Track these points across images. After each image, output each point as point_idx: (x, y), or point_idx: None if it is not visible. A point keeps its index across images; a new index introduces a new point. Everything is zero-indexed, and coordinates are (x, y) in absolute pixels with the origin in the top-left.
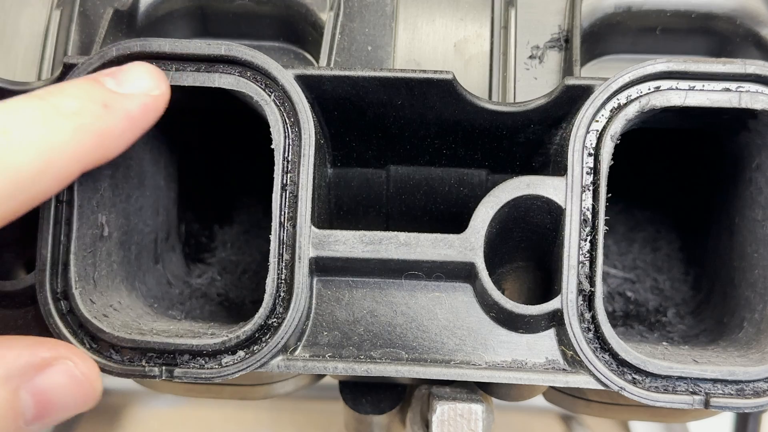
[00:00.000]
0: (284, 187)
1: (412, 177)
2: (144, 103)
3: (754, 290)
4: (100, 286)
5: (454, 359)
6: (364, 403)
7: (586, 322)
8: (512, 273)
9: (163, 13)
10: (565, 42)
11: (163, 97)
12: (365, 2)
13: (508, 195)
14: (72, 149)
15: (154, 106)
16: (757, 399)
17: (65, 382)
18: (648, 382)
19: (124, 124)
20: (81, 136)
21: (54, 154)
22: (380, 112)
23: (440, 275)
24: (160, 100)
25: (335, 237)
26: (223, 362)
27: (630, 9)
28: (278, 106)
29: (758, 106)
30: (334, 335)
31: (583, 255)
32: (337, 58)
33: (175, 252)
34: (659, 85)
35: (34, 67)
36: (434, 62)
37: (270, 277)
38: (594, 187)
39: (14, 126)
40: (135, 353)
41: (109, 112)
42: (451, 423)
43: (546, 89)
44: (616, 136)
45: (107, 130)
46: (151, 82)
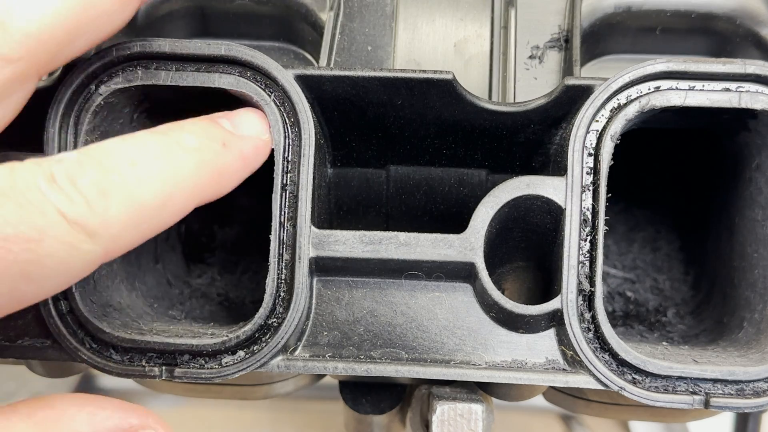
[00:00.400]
0: (284, 187)
1: (412, 177)
2: (256, 146)
3: (754, 290)
4: (99, 286)
5: (454, 359)
6: (364, 403)
7: (586, 322)
8: (512, 273)
9: (163, 13)
10: (565, 42)
11: (269, 143)
12: (365, 2)
13: (508, 195)
14: (193, 184)
15: (264, 150)
16: (757, 399)
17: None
18: (648, 382)
19: (238, 163)
20: (201, 172)
21: (176, 189)
22: (380, 112)
23: (440, 275)
24: (267, 145)
25: (335, 237)
26: (223, 362)
27: (630, 9)
28: (278, 106)
29: (758, 106)
30: (334, 335)
31: (583, 255)
32: (337, 58)
33: (175, 252)
34: (659, 85)
35: None
36: (434, 62)
37: (270, 277)
38: (594, 187)
39: (141, 158)
40: (135, 353)
41: (227, 150)
42: (451, 423)
43: (546, 89)
44: (616, 136)
45: (224, 168)
46: (262, 127)
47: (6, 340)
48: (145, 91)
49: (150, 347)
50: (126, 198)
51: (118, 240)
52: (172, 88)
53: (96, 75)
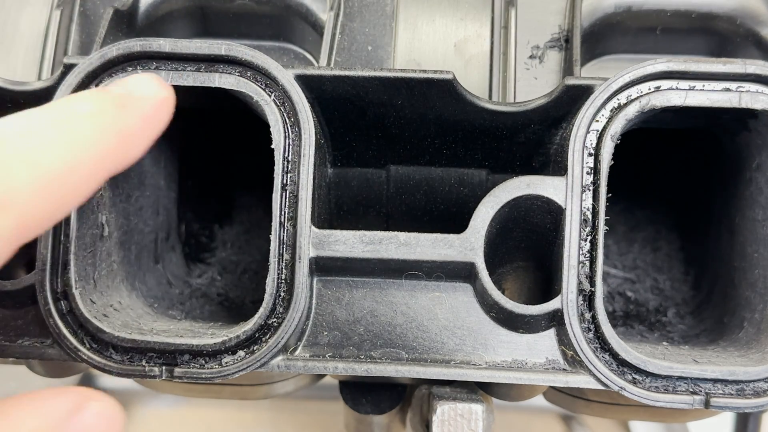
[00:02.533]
0: (284, 187)
1: (412, 177)
2: (155, 104)
3: (754, 290)
4: (100, 286)
5: (454, 359)
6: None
7: (586, 322)
8: (512, 273)
9: (163, 13)
10: (566, 42)
11: (170, 99)
12: (365, 2)
13: (508, 195)
14: (96, 149)
15: (165, 107)
16: (757, 399)
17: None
18: (648, 382)
19: (141, 123)
20: (103, 136)
21: (81, 153)
22: (380, 112)
23: (440, 275)
24: (168, 102)
25: (335, 237)
26: (223, 362)
27: (630, 9)
28: (278, 106)
29: (758, 106)
30: (334, 335)
31: (583, 255)
32: (337, 58)
33: (175, 252)
34: (659, 85)
35: (34, 67)
36: (434, 62)
37: (270, 277)
38: (594, 187)
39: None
40: (135, 353)
41: (125, 111)
42: (451, 423)
43: (546, 89)
44: (616, 136)
45: (127, 130)
46: (156, 87)
47: (6, 340)
48: None
49: (150, 347)
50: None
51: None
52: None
53: (96, 75)
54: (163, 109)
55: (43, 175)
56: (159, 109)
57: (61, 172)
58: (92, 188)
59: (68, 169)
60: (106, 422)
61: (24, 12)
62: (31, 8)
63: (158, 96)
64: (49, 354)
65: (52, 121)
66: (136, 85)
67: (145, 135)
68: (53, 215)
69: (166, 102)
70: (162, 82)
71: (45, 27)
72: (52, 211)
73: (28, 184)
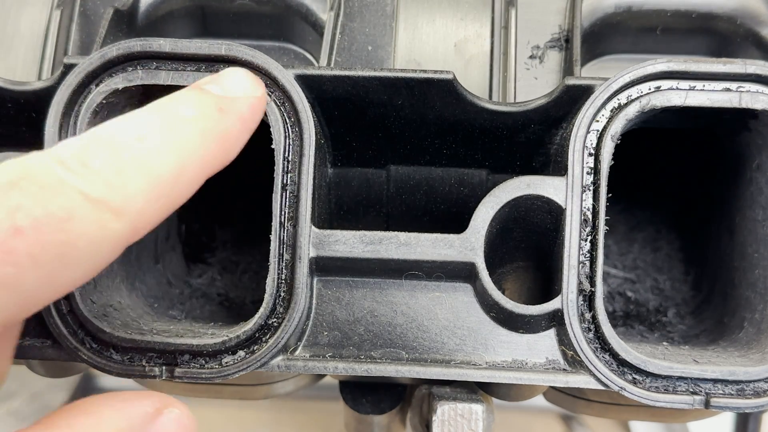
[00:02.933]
0: (285, 187)
1: (412, 177)
2: (251, 105)
3: (754, 290)
4: (100, 286)
5: (454, 359)
6: (364, 403)
7: (586, 322)
8: (512, 273)
9: (164, 13)
10: (566, 42)
11: (264, 98)
12: (365, 2)
13: (508, 195)
14: (201, 154)
15: (260, 107)
16: (757, 399)
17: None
18: (648, 382)
19: (239, 126)
20: (207, 141)
21: (188, 159)
22: (380, 112)
23: (440, 275)
24: (263, 101)
25: (335, 237)
26: (223, 362)
27: (630, 9)
28: (278, 106)
29: (759, 106)
30: (335, 335)
31: (583, 255)
32: (337, 58)
33: (176, 252)
34: (660, 85)
35: (35, 67)
36: (434, 62)
37: (270, 277)
38: (594, 187)
39: (147, 133)
40: (135, 353)
41: (224, 115)
42: (451, 423)
43: (546, 89)
44: (616, 136)
45: (227, 134)
46: (252, 85)
47: None
48: (146, 91)
49: (150, 347)
50: (142, 172)
51: (143, 215)
52: (172, 88)
53: (96, 75)
54: (259, 109)
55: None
56: (255, 109)
57: (171, 178)
58: (192, 191)
59: (176, 175)
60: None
61: (24, 12)
62: (31, 8)
63: (254, 95)
64: (49, 354)
65: (161, 126)
66: (234, 84)
67: (241, 137)
68: (159, 219)
69: (261, 101)
70: (256, 80)
71: (45, 27)
72: (160, 216)
73: (144, 191)
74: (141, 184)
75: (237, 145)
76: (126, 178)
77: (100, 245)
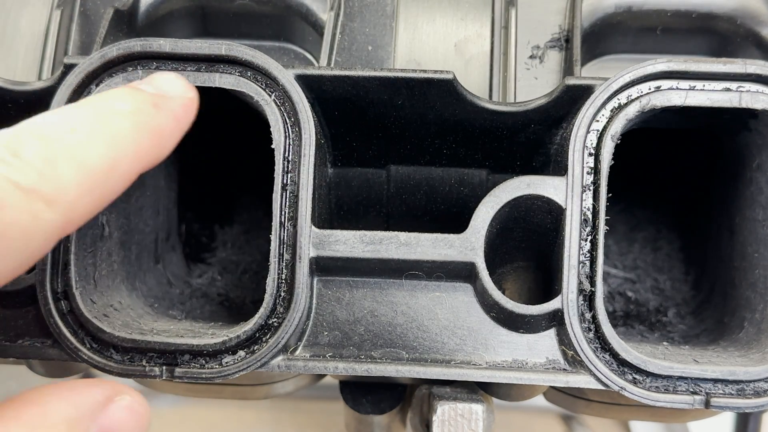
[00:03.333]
0: (285, 187)
1: (412, 177)
2: (184, 104)
3: (754, 290)
4: (100, 286)
5: (454, 359)
6: (364, 403)
7: (586, 322)
8: (512, 273)
9: (164, 13)
10: (566, 42)
11: (195, 100)
12: (365, 2)
13: (508, 195)
14: (134, 147)
15: (192, 109)
16: (757, 399)
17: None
18: (648, 382)
19: (172, 124)
20: (140, 134)
21: (121, 151)
22: (381, 112)
23: (440, 275)
24: (194, 103)
25: (335, 237)
26: (223, 362)
27: (630, 9)
28: (278, 106)
29: (759, 105)
30: (335, 335)
31: (583, 255)
32: (337, 58)
33: (176, 252)
34: (660, 85)
35: (35, 67)
36: (435, 62)
37: (270, 277)
38: (594, 187)
39: (81, 124)
40: (135, 353)
41: (159, 111)
42: (451, 423)
43: (546, 89)
44: (616, 135)
45: (161, 129)
46: (184, 86)
47: (6, 340)
48: None
49: (150, 347)
50: (74, 163)
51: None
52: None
53: (96, 75)
54: (190, 110)
55: (89, 172)
56: (187, 109)
57: (104, 169)
58: (127, 185)
59: (110, 167)
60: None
61: (24, 12)
62: (31, 8)
63: (186, 96)
64: (49, 354)
65: (94, 118)
66: (167, 84)
67: (174, 134)
68: (93, 211)
69: (193, 103)
70: (188, 83)
71: (45, 27)
72: (93, 207)
73: (75, 181)
74: (73, 174)
75: (170, 142)
76: (58, 168)
77: (32, 235)
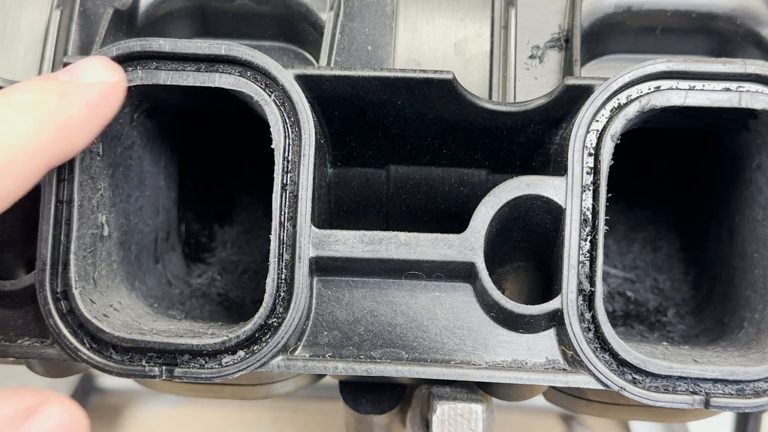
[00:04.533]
0: (284, 187)
1: (412, 177)
2: (102, 91)
3: (754, 290)
4: (100, 285)
5: (454, 359)
6: (364, 402)
7: (586, 321)
8: (512, 273)
9: (163, 13)
10: (566, 42)
11: (121, 84)
12: (365, 2)
13: (508, 195)
14: (35, 142)
15: (114, 94)
16: (757, 399)
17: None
18: (648, 382)
19: (85, 113)
20: (42, 128)
21: (16, 149)
22: (380, 112)
23: (440, 275)
24: (118, 88)
25: (335, 237)
26: (223, 362)
27: (630, 9)
28: (278, 106)
29: (758, 105)
30: (334, 335)
31: (583, 255)
32: (337, 58)
33: (175, 252)
34: (659, 85)
35: (34, 66)
36: (434, 62)
37: (270, 277)
38: (594, 187)
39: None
40: (135, 353)
41: (67, 101)
42: (451, 423)
43: (546, 89)
44: (616, 135)
45: (68, 120)
46: (105, 71)
47: (6, 340)
48: (145, 91)
49: (150, 347)
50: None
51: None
52: (172, 87)
53: None
54: (113, 96)
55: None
56: (107, 95)
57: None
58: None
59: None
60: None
61: (24, 12)
62: (31, 8)
63: (106, 81)
64: (49, 354)
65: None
66: (83, 70)
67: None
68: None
69: (115, 88)
70: (113, 66)
71: (45, 27)
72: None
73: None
74: None
75: (84, 134)
76: None
77: None
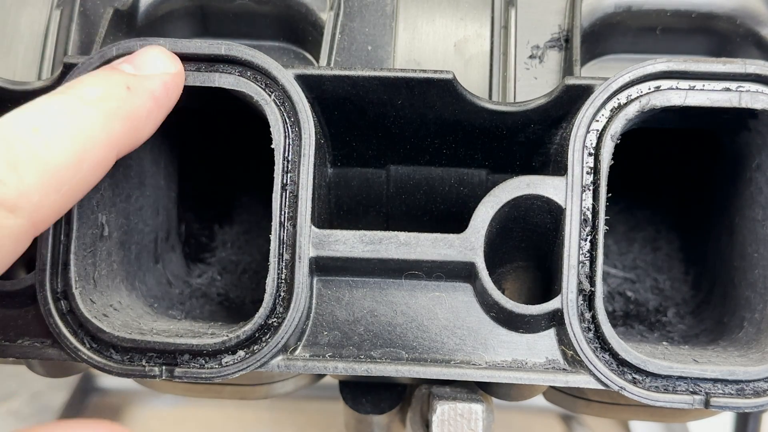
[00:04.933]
0: (284, 187)
1: (412, 177)
2: (164, 82)
3: (754, 290)
4: (100, 285)
5: (454, 359)
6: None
7: (586, 321)
8: (512, 273)
9: (163, 13)
10: (565, 42)
11: (181, 75)
12: (365, 2)
13: (508, 195)
14: (105, 135)
15: (174, 84)
16: (757, 399)
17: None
18: (648, 382)
19: (149, 104)
20: (111, 121)
21: (88, 143)
22: (380, 112)
23: (440, 275)
24: (178, 78)
25: (335, 237)
26: (223, 362)
27: (630, 9)
28: (278, 105)
29: (758, 105)
30: (334, 335)
31: (583, 255)
32: (337, 58)
33: (175, 252)
34: (659, 85)
35: (34, 66)
36: (434, 62)
37: (270, 277)
38: (594, 187)
39: (43, 122)
40: (135, 353)
41: (133, 94)
42: (451, 423)
43: (546, 89)
44: (616, 135)
45: (135, 112)
46: (167, 62)
47: (6, 340)
48: None
49: (150, 347)
50: (37, 165)
51: (43, 208)
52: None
53: None
54: (173, 87)
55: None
56: (169, 87)
57: (69, 166)
58: (100, 175)
59: (76, 162)
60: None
61: (24, 12)
62: (31, 8)
63: (168, 72)
64: (49, 354)
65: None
66: (146, 62)
67: (154, 115)
68: (64, 207)
69: (176, 78)
70: (172, 57)
71: (45, 27)
72: (63, 204)
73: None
74: (36, 176)
75: (149, 124)
76: (20, 172)
77: None
